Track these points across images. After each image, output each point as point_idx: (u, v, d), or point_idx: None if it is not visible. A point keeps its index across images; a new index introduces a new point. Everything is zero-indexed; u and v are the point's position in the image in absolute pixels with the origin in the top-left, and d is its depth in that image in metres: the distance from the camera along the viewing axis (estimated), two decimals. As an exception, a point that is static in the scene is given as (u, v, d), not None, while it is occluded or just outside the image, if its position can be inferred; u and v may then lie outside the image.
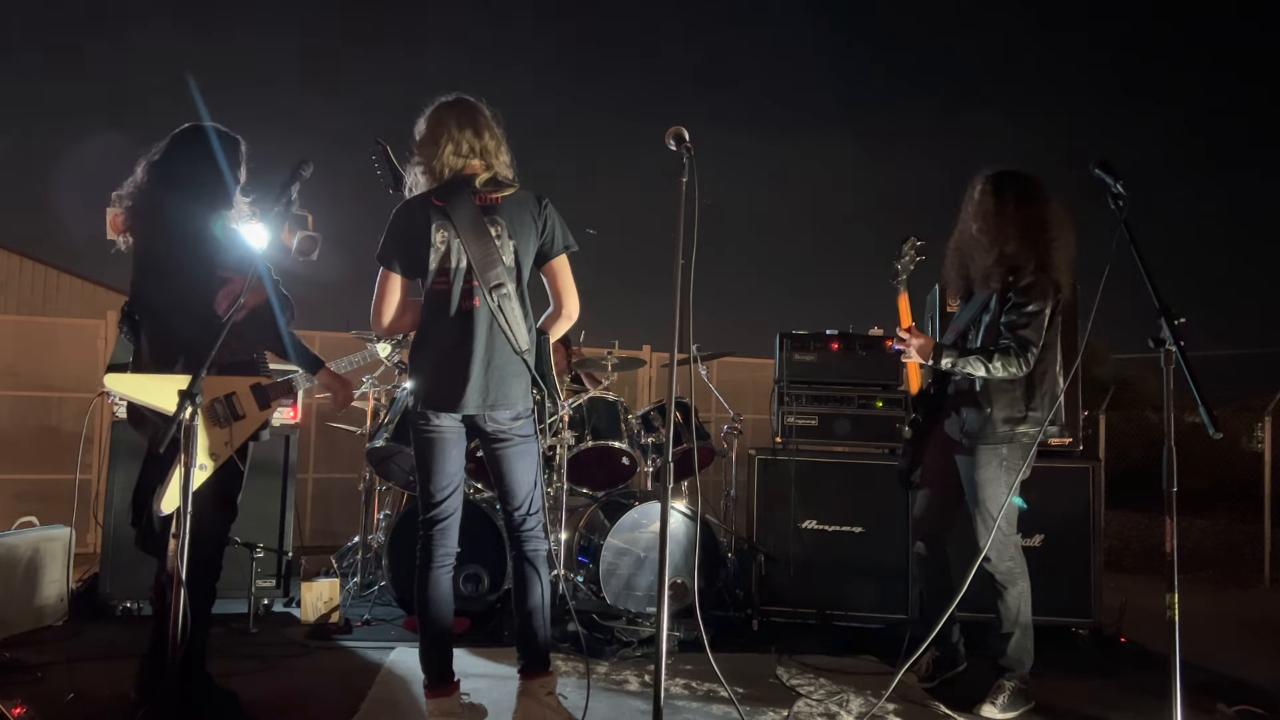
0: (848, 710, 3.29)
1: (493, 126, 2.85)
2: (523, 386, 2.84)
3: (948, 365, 3.28)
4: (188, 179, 2.84)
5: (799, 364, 4.74)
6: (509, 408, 2.81)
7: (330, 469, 7.50)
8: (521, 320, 2.81)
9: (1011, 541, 3.33)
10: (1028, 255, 3.24)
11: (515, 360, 2.81)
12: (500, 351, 2.79)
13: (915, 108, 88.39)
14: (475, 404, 2.77)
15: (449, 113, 2.83)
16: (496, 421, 2.82)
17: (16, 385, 7.17)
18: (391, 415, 4.72)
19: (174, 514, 2.42)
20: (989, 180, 3.38)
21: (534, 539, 2.93)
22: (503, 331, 2.78)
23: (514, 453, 2.87)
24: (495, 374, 2.78)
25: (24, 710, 2.78)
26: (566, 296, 2.90)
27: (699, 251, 2.36)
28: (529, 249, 2.83)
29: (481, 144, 2.82)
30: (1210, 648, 4.28)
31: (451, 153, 2.79)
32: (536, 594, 2.89)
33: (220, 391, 2.77)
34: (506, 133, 2.90)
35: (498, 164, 2.84)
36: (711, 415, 8.33)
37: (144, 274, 2.85)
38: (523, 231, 2.81)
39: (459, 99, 2.86)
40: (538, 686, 2.88)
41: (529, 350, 2.83)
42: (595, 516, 4.98)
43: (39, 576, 4.09)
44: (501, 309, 2.77)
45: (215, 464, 2.73)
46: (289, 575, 4.55)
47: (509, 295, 2.78)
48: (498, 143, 2.85)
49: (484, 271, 2.75)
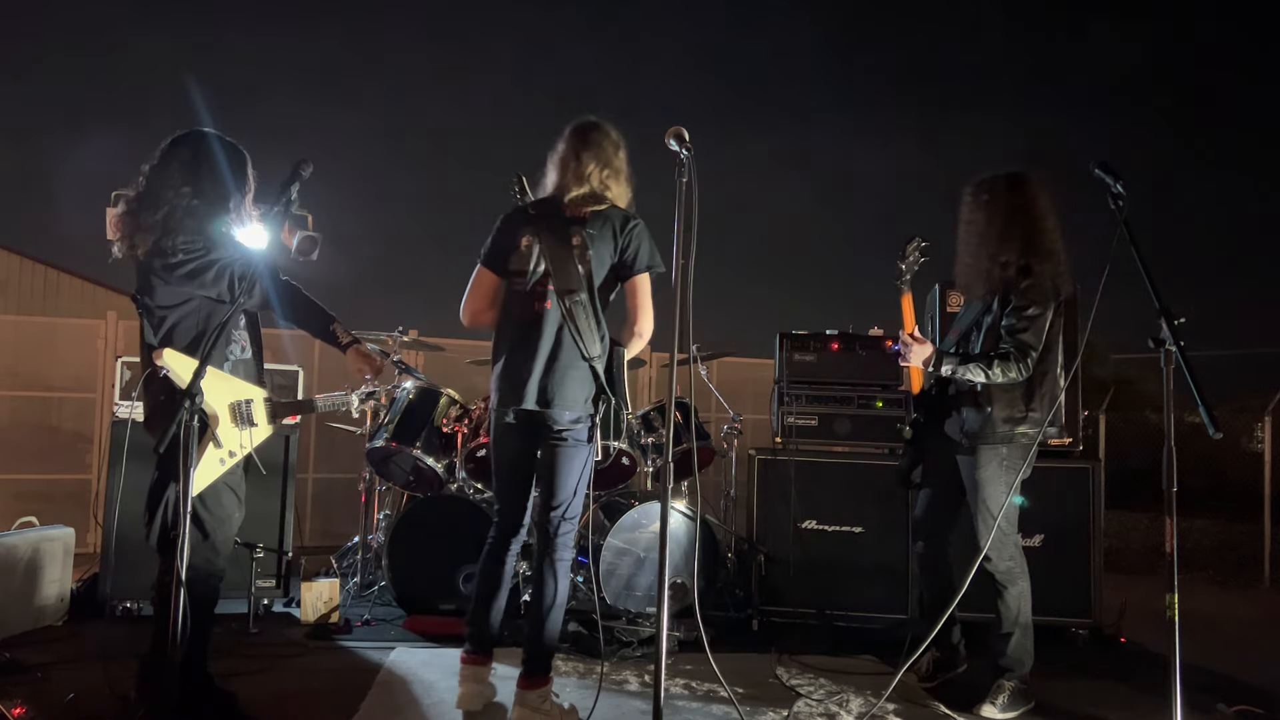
0: (848, 710, 3.29)
1: (604, 148, 3.02)
2: (585, 391, 2.92)
3: (948, 372, 3.28)
4: (189, 180, 2.84)
5: (799, 364, 4.74)
6: (567, 408, 2.90)
7: (330, 469, 7.50)
8: (593, 328, 2.92)
9: (1011, 541, 3.33)
10: (1026, 256, 3.25)
11: (580, 365, 2.90)
12: (565, 354, 2.90)
13: (915, 106, 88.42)
14: (534, 400, 2.89)
15: (569, 134, 3.06)
16: (555, 420, 2.91)
17: (16, 385, 7.17)
18: (391, 415, 4.72)
19: (177, 515, 2.43)
20: (984, 183, 3.40)
21: (563, 546, 2.99)
22: (571, 336, 2.89)
23: (564, 454, 2.94)
24: (557, 374, 2.89)
25: (24, 710, 2.78)
26: (639, 314, 3.00)
27: (699, 251, 2.36)
28: (604, 262, 2.95)
29: (585, 165, 2.99)
30: (1210, 648, 4.28)
31: (558, 170, 3.04)
32: (550, 599, 2.95)
33: (242, 395, 2.83)
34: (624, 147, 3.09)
35: (595, 183, 2.99)
36: (711, 415, 8.32)
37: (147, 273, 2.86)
38: (602, 246, 2.94)
39: (583, 122, 3.07)
40: (535, 697, 2.93)
41: (598, 357, 2.92)
42: (595, 516, 4.98)
43: (39, 576, 4.09)
44: (572, 314, 2.89)
45: (233, 460, 2.79)
46: (289, 575, 4.56)
47: (582, 303, 2.90)
48: (602, 164, 3.01)
49: (560, 277, 2.91)
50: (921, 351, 3.30)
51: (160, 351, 2.65)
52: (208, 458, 2.71)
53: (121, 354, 5.07)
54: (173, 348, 2.70)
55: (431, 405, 4.66)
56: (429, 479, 4.82)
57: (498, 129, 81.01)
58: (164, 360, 2.64)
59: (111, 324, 7.16)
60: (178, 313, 2.78)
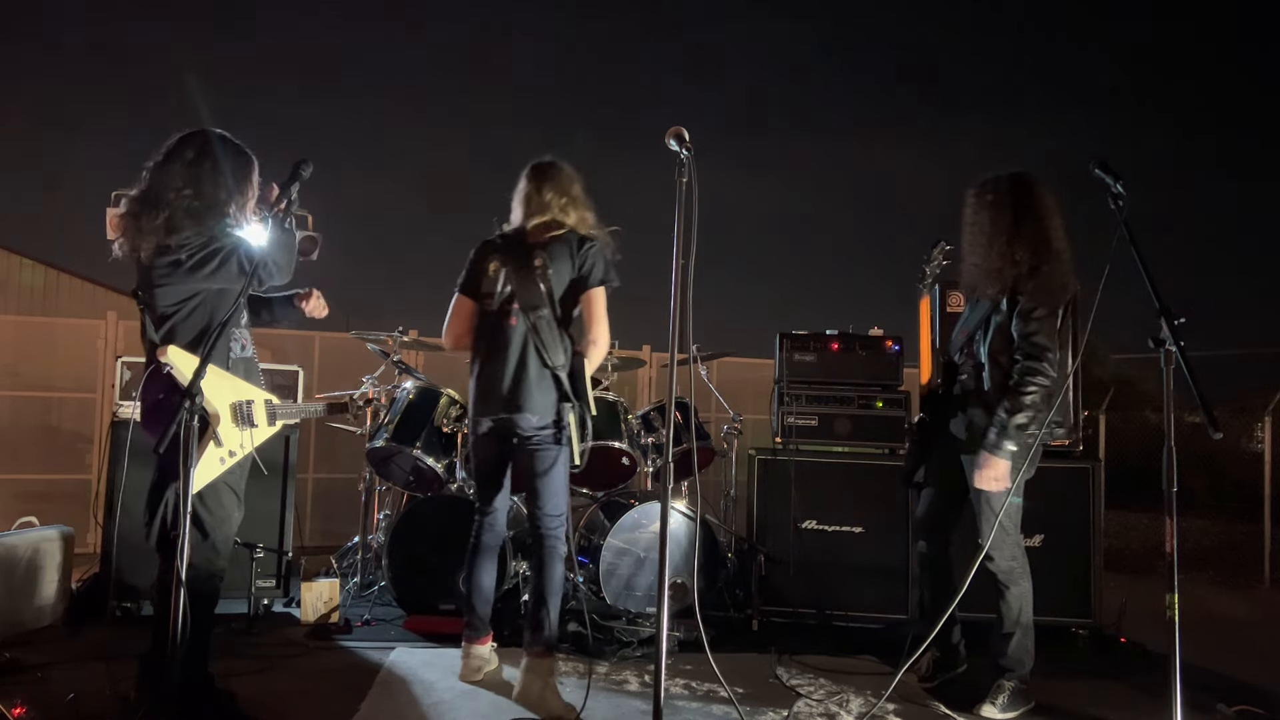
0: (848, 710, 3.29)
1: (561, 181, 3.34)
2: (550, 397, 3.19)
3: (1012, 436, 3.17)
4: (191, 181, 2.84)
5: (799, 364, 4.74)
6: (534, 413, 3.17)
7: (330, 469, 7.49)
8: (557, 340, 3.20)
9: (1014, 541, 3.33)
10: (1031, 257, 3.24)
11: (545, 373, 3.19)
12: (532, 364, 3.19)
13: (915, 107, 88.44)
14: (503, 408, 3.19)
15: (529, 172, 3.39)
16: (523, 427, 3.19)
17: (16, 385, 7.17)
18: (391, 415, 4.72)
19: (176, 515, 2.43)
20: (988, 184, 3.39)
21: (553, 537, 3.26)
22: (536, 347, 3.18)
23: (538, 458, 3.22)
24: (524, 382, 3.18)
25: (24, 710, 2.78)
26: (594, 324, 3.27)
27: (698, 251, 2.36)
28: (564, 279, 3.25)
29: (544, 196, 3.31)
30: (1210, 648, 4.28)
31: (522, 204, 3.37)
32: (550, 582, 3.21)
33: (243, 396, 2.83)
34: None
35: (555, 211, 3.30)
36: (711, 415, 8.32)
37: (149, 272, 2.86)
38: (561, 265, 3.24)
39: (540, 162, 3.39)
40: (544, 667, 3.13)
41: (562, 366, 3.19)
42: (595, 516, 4.98)
43: (39, 576, 4.09)
44: (536, 328, 3.18)
45: (233, 460, 2.80)
46: (289, 575, 4.55)
47: (545, 318, 3.19)
48: (559, 194, 3.32)
49: (524, 295, 3.22)
50: (1001, 476, 3.20)
51: (164, 349, 2.65)
52: (208, 456, 2.71)
53: (121, 354, 5.07)
54: (176, 344, 2.70)
55: (431, 405, 4.66)
56: (429, 479, 4.82)
57: (498, 129, 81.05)
58: (168, 357, 2.64)
59: (111, 324, 7.16)
60: (183, 309, 2.78)
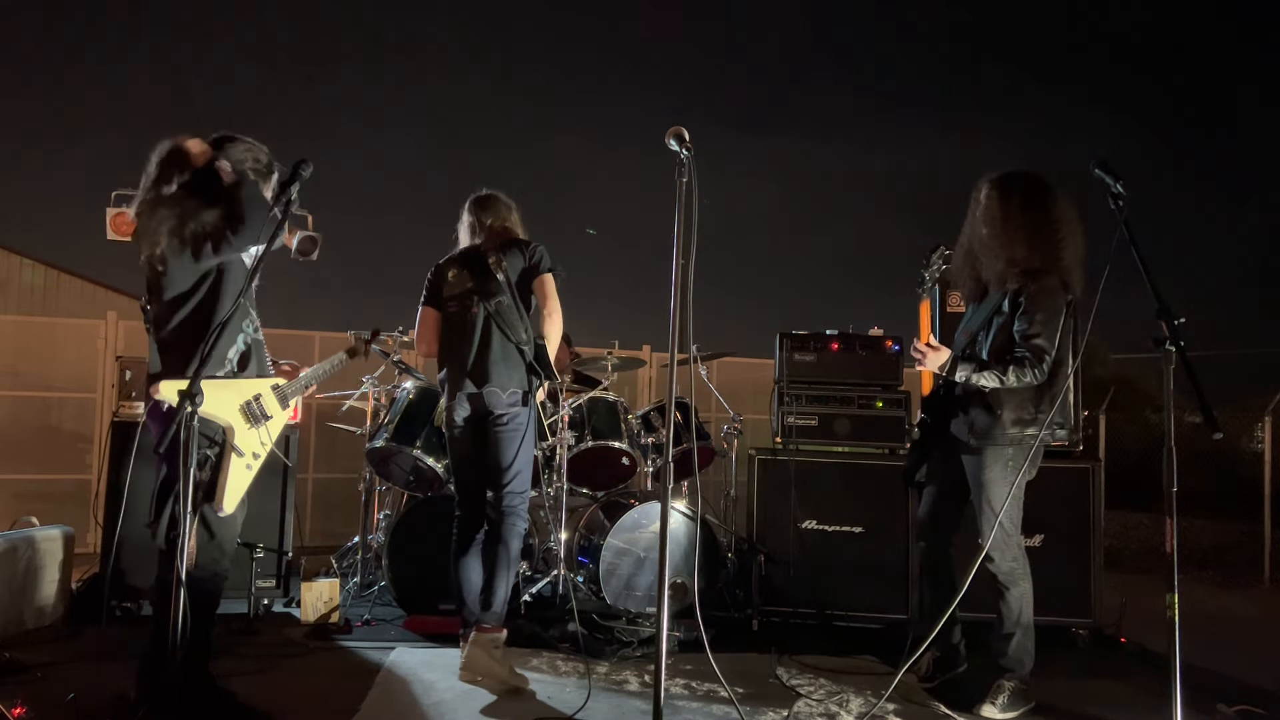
0: (848, 710, 3.29)
1: (499, 210, 3.76)
2: (516, 370, 3.52)
3: (962, 378, 3.27)
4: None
5: (799, 364, 4.74)
6: (502, 386, 3.48)
7: (330, 469, 7.49)
8: (517, 322, 3.55)
9: (1014, 542, 3.32)
10: (1038, 257, 3.24)
11: (509, 347, 3.53)
12: (496, 342, 3.52)
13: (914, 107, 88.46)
14: (474, 383, 3.50)
15: (470, 205, 3.79)
16: (494, 404, 3.48)
17: (16, 385, 7.16)
18: (392, 415, 4.72)
19: (176, 515, 2.43)
20: (996, 183, 3.37)
21: (511, 513, 3.48)
22: (499, 328, 3.53)
23: (504, 436, 3.49)
24: (490, 358, 3.50)
25: (24, 710, 2.78)
26: (546, 302, 3.63)
27: (698, 251, 2.36)
28: (517, 268, 3.62)
29: (486, 220, 3.73)
30: (1210, 648, 4.28)
31: (468, 232, 3.78)
32: (506, 557, 3.44)
33: (249, 392, 2.83)
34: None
35: (496, 224, 3.73)
36: (711, 415, 8.32)
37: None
38: (513, 260, 3.63)
39: (479, 195, 3.80)
40: (488, 640, 3.33)
41: (525, 342, 3.53)
42: (595, 516, 4.99)
43: (39, 576, 4.09)
44: (499, 311, 3.54)
45: (258, 462, 2.82)
46: (289, 575, 4.56)
47: (505, 303, 3.55)
48: (500, 220, 3.75)
49: (483, 286, 3.57)
50: (937, 358, 3.30)
51: (157, 386, 2.64)
52: (234, 470, 2.72)
53: (121, 354, 5.07)
54: (185, 338, 2.69)
55: (431, 405, 4.65)
56: (429, 479, 4.82)
57: (498, 128, 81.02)
58: (161, 394, 2.63)
59: (111, 324, 7.17)
60: (192, 300, 2.78)
